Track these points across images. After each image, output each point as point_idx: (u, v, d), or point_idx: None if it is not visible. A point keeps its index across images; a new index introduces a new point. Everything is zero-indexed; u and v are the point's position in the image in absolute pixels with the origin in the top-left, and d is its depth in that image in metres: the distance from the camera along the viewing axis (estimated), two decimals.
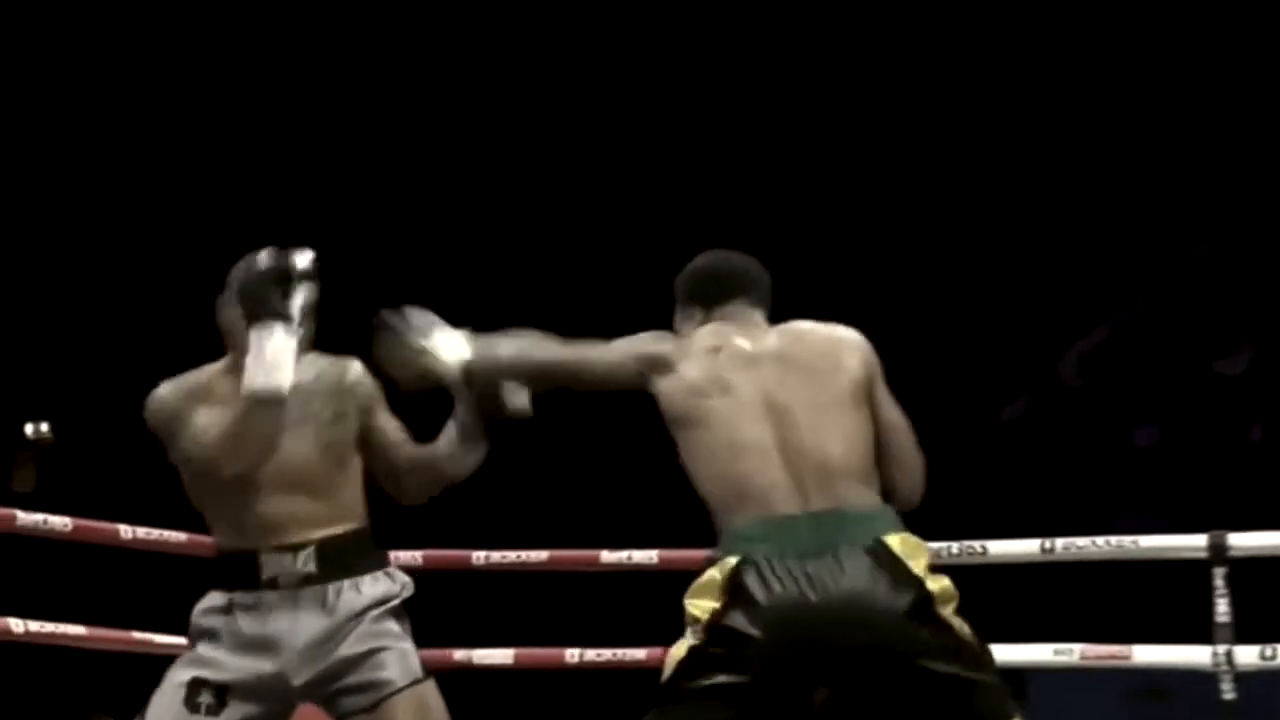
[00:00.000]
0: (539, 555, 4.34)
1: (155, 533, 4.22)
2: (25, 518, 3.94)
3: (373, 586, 2.64)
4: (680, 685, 2.23)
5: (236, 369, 2.68)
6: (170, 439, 2.70)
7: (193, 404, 2.70)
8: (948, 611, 2.25)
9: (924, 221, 9.23)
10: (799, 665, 2.19)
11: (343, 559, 2.63)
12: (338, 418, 2.66)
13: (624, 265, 9.06)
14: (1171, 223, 9.31)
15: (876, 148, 9.28)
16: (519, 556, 4.33)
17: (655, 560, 4.42)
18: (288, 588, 2.61)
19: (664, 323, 2.54)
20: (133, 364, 10.28)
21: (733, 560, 2.22)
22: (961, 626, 2.25)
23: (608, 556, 4.36)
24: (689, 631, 2.27)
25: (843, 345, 2.37)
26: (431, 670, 2.69)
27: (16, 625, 3.88)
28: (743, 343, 2.38)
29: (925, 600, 2.22)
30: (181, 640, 4.26)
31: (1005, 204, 9.41)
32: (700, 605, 2.25)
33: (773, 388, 2.31)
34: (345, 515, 2.65)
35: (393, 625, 2.64)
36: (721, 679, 2.21)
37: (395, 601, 2.66)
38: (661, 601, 2.90)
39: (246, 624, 2.62)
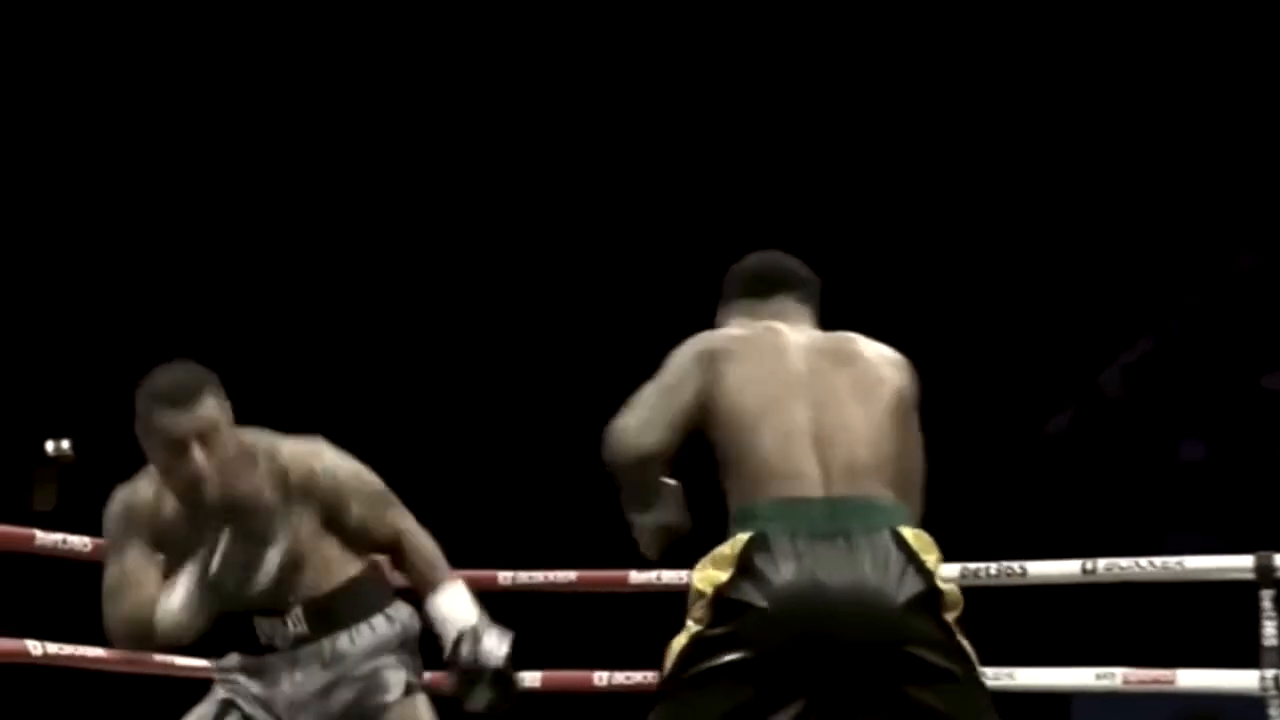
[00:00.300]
0: (567, 575, 4.34)
1: None
2: (44, 537, 3.96)
3: (370, 634, 2.71)
4: (684, 674, 2.24)
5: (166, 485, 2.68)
6: (142, 531, 2.72)
7: (146, 526, 2.71)
8: (950, 616, 2.27)
9: (965, 231, 9.22)
10: (802, 644, 2.21)
11: (334, 614, 2.70)
12: (288, 534, 2.66)
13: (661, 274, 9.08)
14: (1219, 233, 9.28)
15: (921, 159, 9.28)
16: (546, 577, 4.33)
17: (685, 581, 4.42)
18: (285, 650, 2.69)
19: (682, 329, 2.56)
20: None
21: (745, 536, 2.25)
22: (959, 634, 2.28)
23: (636, 577, 4.36)
24: (690, 619, 2.29)
25: (890, 361, 2.43)
26: (427, 687, 2.74)
27: (35, 647, 3.91)
28: (795, 335, 2.44)
29: (932, 595, 2.25)
30: (202, 662, 4.29)
31: (1049, 213, 9.39)
32: (708, 577, 2.27)
33: (817, 378, 2.36)
34: (330, 575, 2.70)
35: (390, 661, 2.71)
36: (726, 658, 2.23)
37: (394, 644, 2.72)
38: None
39: (254, 686, 2.69)
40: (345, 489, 2.71)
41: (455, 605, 2.74)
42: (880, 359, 2.44)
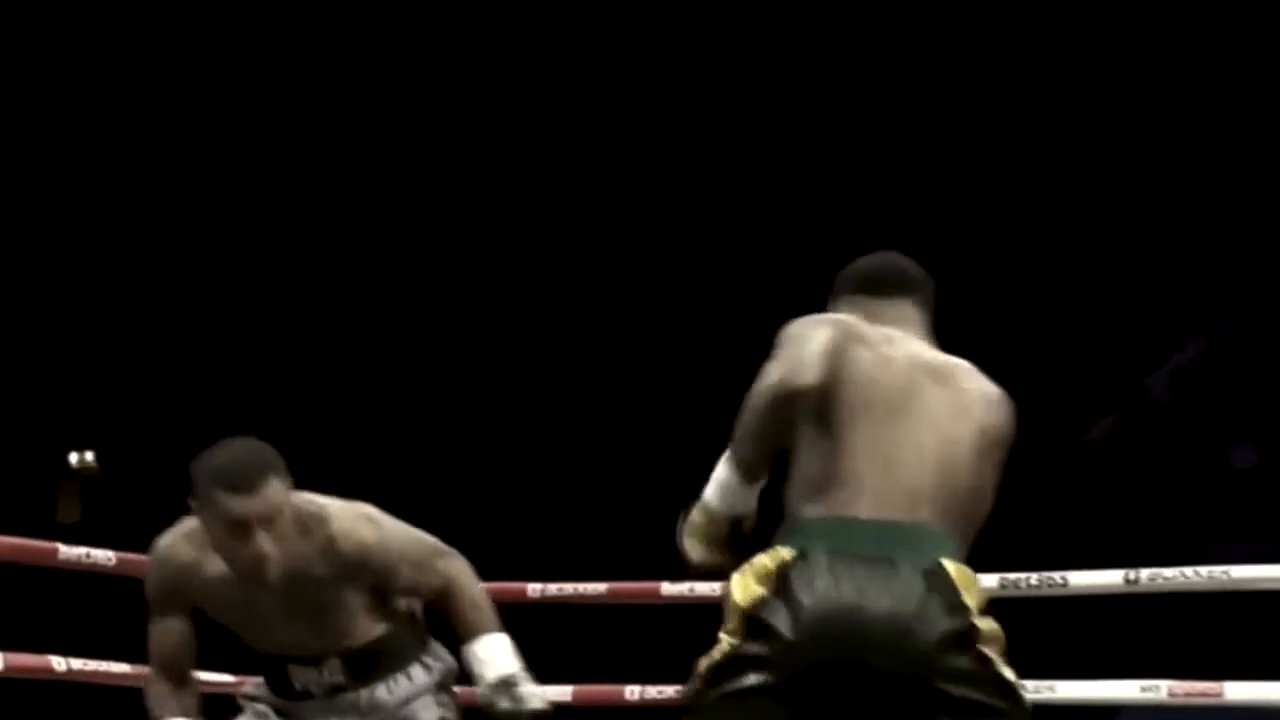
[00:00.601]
0: (597, 587, 4.35)
1: None
2: (68, 551, 3.99)
3: (407, 684, 2.76)
4: (714, 690, 2.24)
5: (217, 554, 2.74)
6: (180, 591, 2.80)
7: (184, 590, 2.79)
8: (991, 651, 2.26)
9: (1006, 231, 9.20)
10: (832, 670, 2.20)
11: (372, 666, 2.75)
12: (335, 599, 2.71)
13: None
14: (1269, 232, 9.23)
15: (961, 161, 9.27)
16: (576, 589, 4.33)
17: (719, 593, 4.42)
18: (321, 698, 2.74)
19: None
20: (180, 392, 10.42)
21: (787, 552, 2.24)
22: (1001, 666, 2.27)
23: (669, 589, 4.36)
24: (724, 631, 2.28)
25: (989, 396, 2.42)
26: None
27: (59, 663, 3.94)
28: (907, 344, 2.43)
29: (968, 632, 2.25)
30: (228, 678, 4.31)
31: (1093, 211, 9.37)
32: (746, 589, 2.26)
33: (912, 396, 2.35)
34: (370, 628, 2.77)
35: (425, 702, 2.77)
36: (757, 679, 2.22)
37: (431, 688, 2.78)
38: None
39: None
40: (394, 558, 2.76)
41: (495, 652, 2.79)
42: (980, 391, 2.42)
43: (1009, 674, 2.28)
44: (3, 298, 9.72)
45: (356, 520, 2.75)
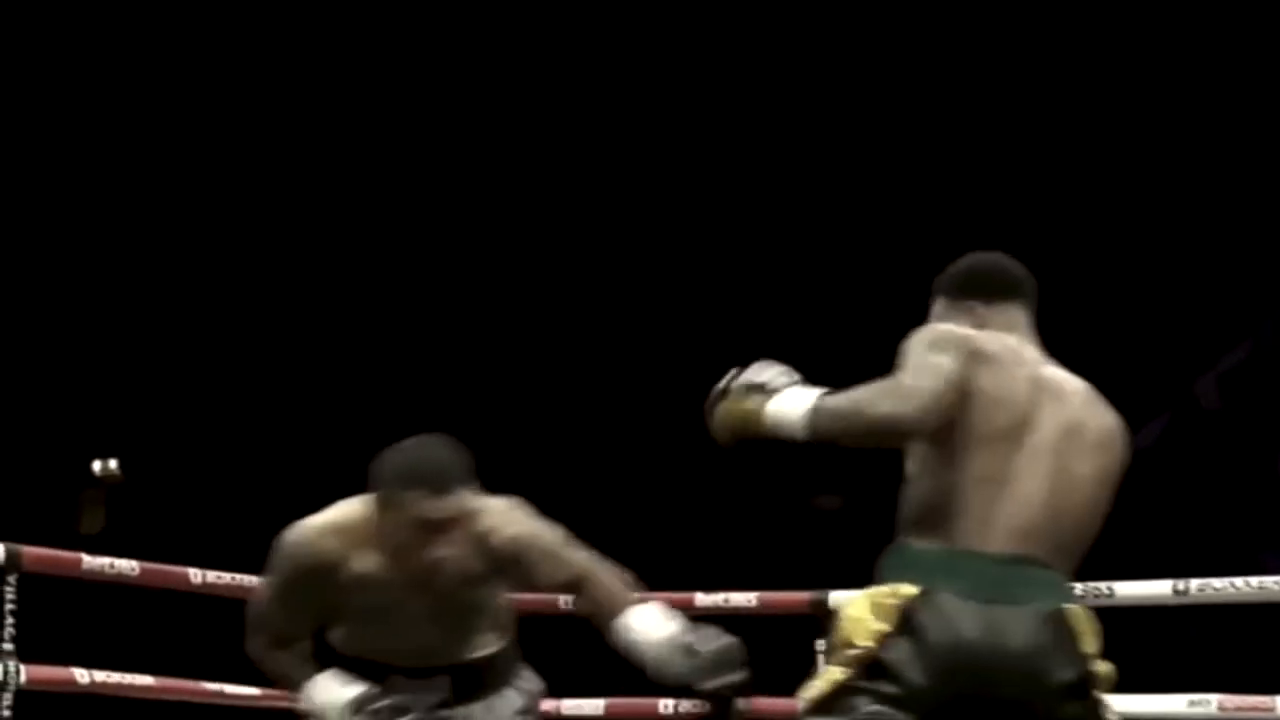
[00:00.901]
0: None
1: (227, 576, 4.28)
2: (91, 561, 4.01)
3: (501, 705, 2.78)
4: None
5: (381, 545, 2.68)
6: (317, 583, 2.75)
7: (320, 581, 2.74)
8: (1102, 694, 2.29)
9: (1050, 236, 9.16)
10: (952, 712, 2.21)
11: (476, 684, 2.77)
12: (480, 600, 2.72)
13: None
14: None
15: (1005, 163, 9.26)
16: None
17: (754, 603, 4.42)
18: (419, 713, 2.74)
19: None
20: (205, 398, 10.46)
21: (909, 589, 2.23)
22: (1109, 710, 2.30)
23: (703, 599, 4.36)
24: (835, 662, 2.26)
25: (1115, 428, 2.41)
26: None
27: (81, 675, 3.95)
28: (1051, 370, 2.41)
29: (1087, 679, 2.27)
30: (254, 690, 4.32)
31: (1137, 210, 9.33)
32: (864, 626, 2.24)
33: (1047, 426, 2.33)
34: (480, 645, 2.78)
35: None
36: (873, 709, 2.23)
37: (521, 711, 2.81)
38: (761, 648, 2.90)
39: None
40: (541, 550, 2.76)
41: (652, 620, 2.74)
42: (1109, 423, 2.41)
43: (1113, 717, 2.31)
44: (26, 304, 9.78)
45: (505, 514, 2.75)
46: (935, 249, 2.64)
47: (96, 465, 10.89)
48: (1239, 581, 3.97)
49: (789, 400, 2.35)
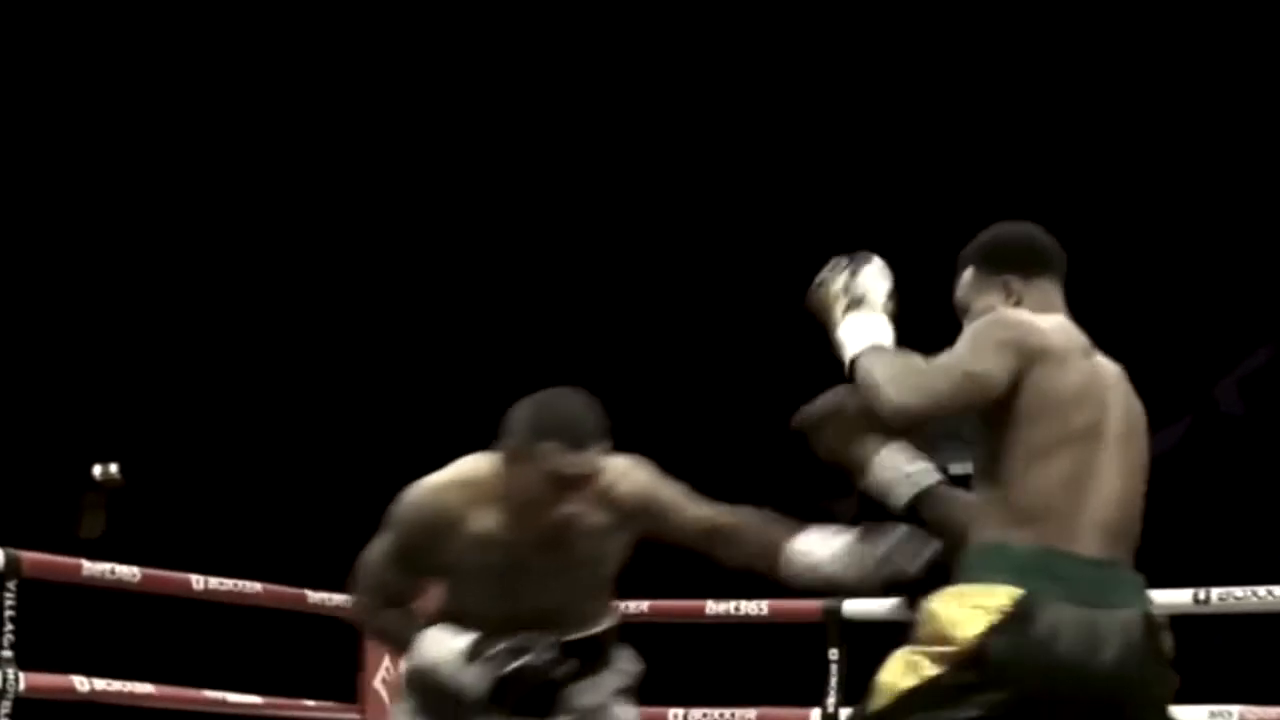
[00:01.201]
0: (640, 605, 4.35)
1: (229, 583, 4.28)
2: (91, 567, 4.02)
3: (605, 683, 2.79)
4: (916, 716, 2.24)
5: (506, 506, 2.63)
6: (436, 541, 2.69)
7: (435, 538, 2.69)
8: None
9: (1066, 237, 9.16)
10: (1047, 712, 2.23)
11: (585, 659, 2.76)
12: (603, 557, 2.70)
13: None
14: None
15: (1022, 155, 9.26)
16: (618, 607, 4.35)
17: (765, 611, 4.42)
18: (540, 652, 2.70)
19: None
20: (207, 402, 10.47)
21: (1011, 590, 2.23)
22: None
23: (713, 607, 4.37)
24: (922, 655, 2.25)
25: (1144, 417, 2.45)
26: None
27: (81, 684, 3.96)
28: (1103, 360, 2.41)
29: (1169, 683, 2.34)
30: (256, 699, 4.32)
31: (1154, 210, 9.32)
32: (963, 622, 2.24)
33: (1126, 427, 2.35)
34: (594, 620, 2.78)
35: (620, 702, 2.81)
36: (970, 713, 2.23)
37: (621, 690, 2.82)
38: (772, 656, 2.91)
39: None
40: (664, 502, 2.71)
41: (818, 543, 2.66)
42: (1139, 408, 2.43)
43: None
44: (25, 306, 9.80)
45: (629, 466, 2.71)
46: (953, 244, 2.63)
47: (97, 469, 10.90)
48: (1261, 591, 3.97)
49: (858, 328, 2.36)
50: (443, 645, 2.65)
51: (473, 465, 2.72)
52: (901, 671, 2.27)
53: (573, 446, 2.56)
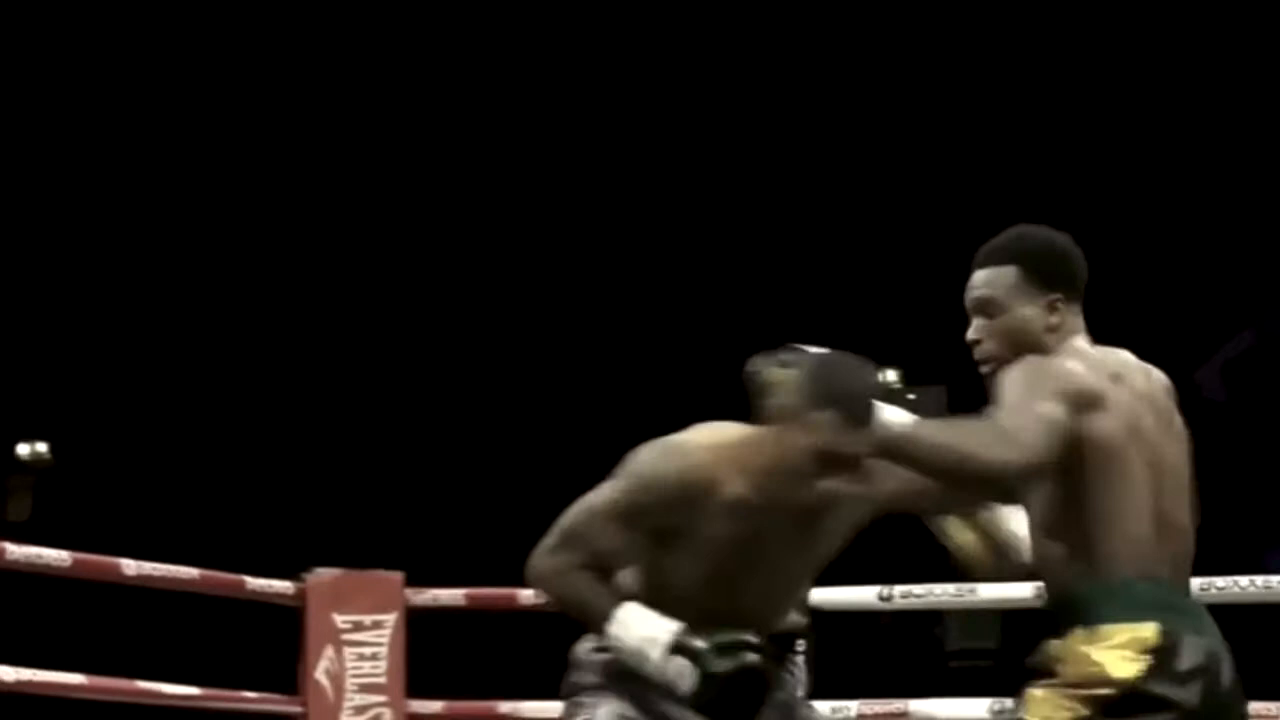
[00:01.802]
0: None
1: (164, 568, 4.24)
2: (17, 551, 3.97)
3: (790, 679, 2.85)
4: None
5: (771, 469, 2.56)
6: (681, 506, 2.60)
7: (674, 508, 2.59)
8: None
9: (1047, 220, 9.21)
10: None
11: (783, 649, 2.80)
12: (841, 535, 2.68)
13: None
14: None
15: (1004, 153, 9.32)
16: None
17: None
18: (748, 655, 2.67)
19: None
20: (141, 380, 10.42)
21: (1158, 627, 2.33)
22: None
23: None
24: (1073, 699, 2.33)
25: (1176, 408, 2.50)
26: None
27: (7, 673, 3.92)
28: (1138, 379, 2.44)
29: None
30: (193, 690, 4.29)
31: (1135, 196, 9.38)
32: (1114, 663, 2.32)
33: (1165, 455, 2.40)
34: (794, 610, 2.84)
35: (803, 698, 2.91)
36: None
37: (799, 693, 2.92)
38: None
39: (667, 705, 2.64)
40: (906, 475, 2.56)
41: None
42: (1181, 426, 2.47)
43: None
44: None
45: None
46: (943, 240, 2.63)
47: (23, 448, 10.84)
48: (1243, 581, 3.99)
49: (887, 412, 2.38)
50: (649, 627, 2.56)
51: (722, 430, 2.64)
52: (1051, 711, 2.33)
53: (854, 421, 2.43)
